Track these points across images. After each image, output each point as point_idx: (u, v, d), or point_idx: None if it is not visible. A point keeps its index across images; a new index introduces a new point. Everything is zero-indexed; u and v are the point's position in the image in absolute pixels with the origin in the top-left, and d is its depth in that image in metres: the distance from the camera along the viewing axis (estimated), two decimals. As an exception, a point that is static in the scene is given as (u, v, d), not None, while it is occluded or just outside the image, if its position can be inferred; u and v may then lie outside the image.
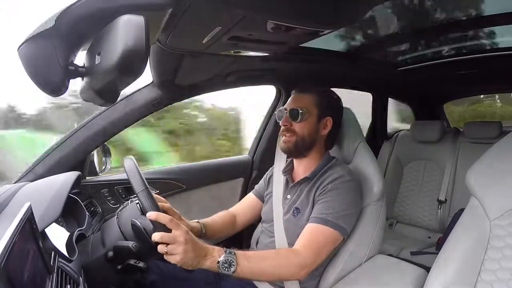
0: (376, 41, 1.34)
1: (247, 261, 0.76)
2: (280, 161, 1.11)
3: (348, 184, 0.91)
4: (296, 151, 1.01)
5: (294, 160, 1.06)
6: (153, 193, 0.80)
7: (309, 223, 0.89)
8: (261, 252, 0.87)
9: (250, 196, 1.18)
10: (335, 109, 1.03)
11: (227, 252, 0.75)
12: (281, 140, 1.02)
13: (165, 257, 0.71)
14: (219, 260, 0.74)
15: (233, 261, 0.74)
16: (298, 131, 0.98)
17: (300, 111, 0.96)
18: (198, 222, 1.01)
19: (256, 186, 1.19)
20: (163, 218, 0.70)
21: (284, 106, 1.01)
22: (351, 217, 0.91)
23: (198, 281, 0.98)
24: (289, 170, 1.06)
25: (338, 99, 1.05)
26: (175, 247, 0.70)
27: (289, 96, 1.06)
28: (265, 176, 1.17)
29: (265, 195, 1.12)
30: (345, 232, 0.88)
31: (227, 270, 0.74)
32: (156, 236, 0.70)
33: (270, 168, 1.16)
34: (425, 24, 1.17)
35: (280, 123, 1.01)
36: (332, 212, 0.87)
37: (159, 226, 0.71)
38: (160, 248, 0.70)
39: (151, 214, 0.71)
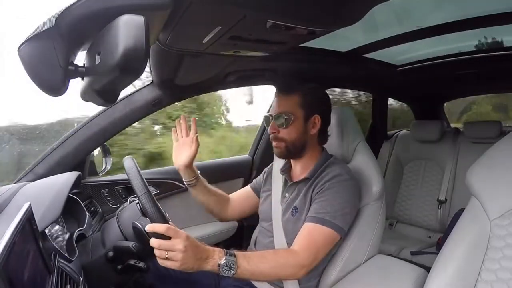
0: (376, 41, 1.34)
1: (247, 263, 0.77)
2: (279, 160, 1.11)
3: (345, 183, 0.91)
4: (289, 155, 1.00)
5: (291, 160, 1.06)
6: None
7: (306, 222, 0.89)
8: (260, 253, 0.87)
9: (247, 188, 1.18)
10: (322, 105, 0.99)
11: (228, 254, 0.75)
12: (273, 145, 1.00)
13: (164, 262, 0.70)
14: (220, 263, 0.74)
15: (233, 264, 0.74)
16: (286, 137, 0.96)
17: (285, 117, 0.94)
18: (198, 174, 1.07)
19: (255, 180, 1.19)
20: (159, 228, 0.70)
21: (270, 112, 0.98)
22: (348, 216, 0.91)
23: (197, 281, 0.98)
24: (287, 169, 1.05)
25: (323, 94, 1.02)
26: (174, 254, 0.69)
27: None
28: (264, 172, 1.17)
29: (261, 192, 1.12)
30: (342, 231, 0.88)
31: (228, 273, 0.74)
32: (154, 243, 0.70)
33: (270, 165, 1.16)
34: (425, 24, 1.17)
35: (268, 131, 0.99)
36: (329, 211, 0.87)
37: (158, 235, 0.70)
38: (159, 254, 0.70)
39: (148, 228, 0.71)
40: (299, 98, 0.96)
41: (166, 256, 0.69)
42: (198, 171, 1.07)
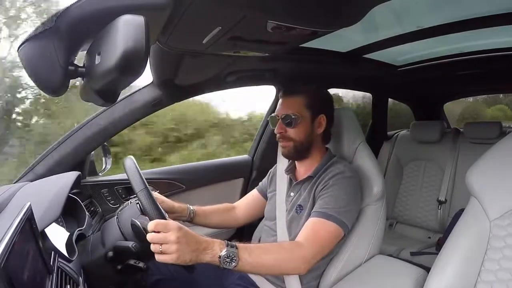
0: (376, 42, 1.34)
1: (249, 255, 0.75)
2: (283, 160, 1.12)
3: (349, 180, 0.92)
4: (296, 155, 1.01)
5: (296, 161, 1.06)
6: (152, 192, 0.80)
7: (311, 217, 0.89)
8: (263, 245, 0.86)
9: (254, 192, 1.19)
10: (326, 104, 1.03)
11: (229, 246, 0.74)
12: (280, 145, 1.02)
13: (161, 257, 0.69)
14: (220, 254, 0.72)
15: (234, 256, 0.73)
16: (294, 136, 0.97)
17: (293, 117, 0.96)
18: (188, 206, 1.04)
19: (260, 183, 1.20)
20: (150, 225, 0.70)
21: (276, 113, 1.00)
22: (352, 213, 0.91)
23: (198, 281, 0.98)
24: (291, 169, 1.06)
25: (327, 94, 1.05)
26: (168, 247, 0.68)
27: None
28: (268, 173, 1.18)
29: (267, 193, 1.13)
30: (346, 228, 0.88)
31: (229, 265, 0.73)
32: (149, 238, 0.70)
33: (274, 166, 1.16)
34: (425, 24, 1.17)
35: (274, 131, 1.00)
36: (334, 207, 0.87)
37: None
38: (154, 248, 0.69)
39: (148, 226, 0.71)
40: (304, 99, 0.98)
41: (161, 249, 0.68)
42: (187, 204, 1.06)
